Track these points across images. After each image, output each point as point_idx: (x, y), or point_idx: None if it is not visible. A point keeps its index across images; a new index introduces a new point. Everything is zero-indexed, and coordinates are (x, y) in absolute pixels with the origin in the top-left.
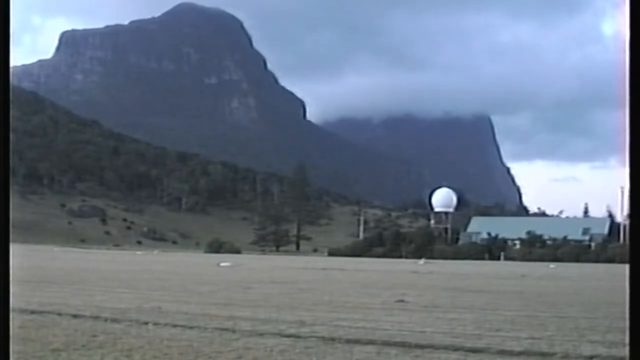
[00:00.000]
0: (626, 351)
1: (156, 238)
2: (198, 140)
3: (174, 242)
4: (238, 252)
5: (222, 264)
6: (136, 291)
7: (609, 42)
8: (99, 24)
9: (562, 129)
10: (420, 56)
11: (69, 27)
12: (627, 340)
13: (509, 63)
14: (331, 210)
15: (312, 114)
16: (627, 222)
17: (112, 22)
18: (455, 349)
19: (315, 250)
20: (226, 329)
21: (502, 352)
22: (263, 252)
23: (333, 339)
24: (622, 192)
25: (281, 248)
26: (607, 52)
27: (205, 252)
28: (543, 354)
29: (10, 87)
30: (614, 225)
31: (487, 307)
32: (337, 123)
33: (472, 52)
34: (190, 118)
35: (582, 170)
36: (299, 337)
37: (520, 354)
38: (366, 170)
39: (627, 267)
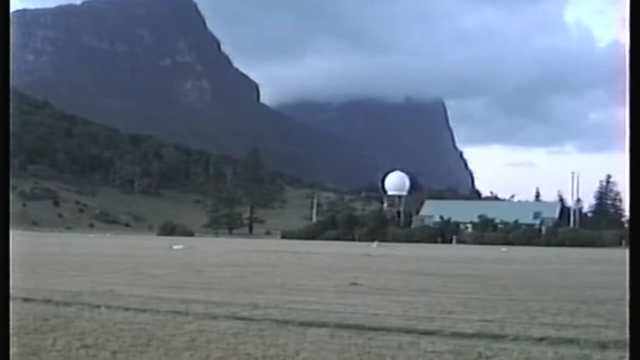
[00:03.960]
0: (575, 333)
1: (109, 221)
2: (151, 122)
3: (127, 225)
4: (191, 234)
5: (175, 247)
6: (88, 274)
7: (571, 30)
8: (51, 4)
9: (521, 114)
10: (382, 40)
11: (20, 7)
12: (576, 322)
13: (471, 48)
14: (285, 193)
15: (268, 97)
16: (577, 207)
17: (64, 2)
18: (408, 331)
19: (268, 233)
20: (179, 312)
21: (454, 335)
22: (216, 234)
23: (286, 322)
24: (573, 177)
25: (234, 231)
26: (569, 39)
27: (158, 234)
28: (494, 336)
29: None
30: (564, 210)
31: (439, 290)
32: (294, 106)
33: (435, 37)
34: (144, 100)
35: (539, 155)
36: (252, 319)
37: (472, 336)
38: (321, 153)
39: (576, 250)
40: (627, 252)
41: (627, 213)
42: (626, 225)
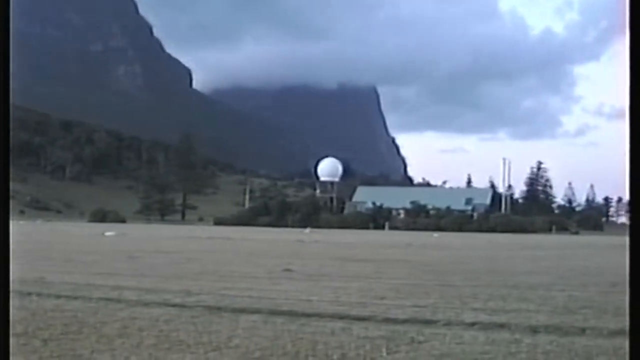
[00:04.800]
0: (507, 318)
1: (40, 207)
2: (83, 108)
3: (58, 212)
4: (123, 221)
5: (106, 234)
6: (18, 262)
7: (505, 18)
8: None
9: (454, 101)
10: (317, 27)
11: None
12: (507, 307)
13: (406, 35)
14: (217, 180)
15: (201, 83)
16: (508, 193)
17: None
18: (341, 317)
19: (201, 220)
20: (111, 299)
21: (386, 320)
22: (148, 221)
23: (219, 308)
24: (505, 163)
25: (166, 217)
26: (502, 27)
27: (90, 221)
28: (426, 322)
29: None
30: (495, 196)
31: (372, 276)
32: (227, 92)
33: (372, 23)
34: (75, 85)
35: (471, 142)
36: (184, 306)
37: (404, 321)
38: (254, 139)
39: (507, 235)
40: (557, 237)
41: (556, 199)
42: (556, 211)
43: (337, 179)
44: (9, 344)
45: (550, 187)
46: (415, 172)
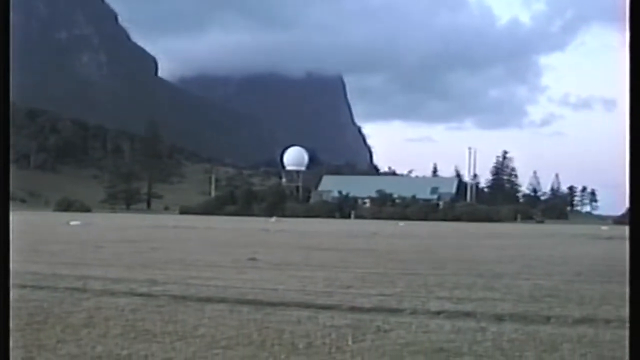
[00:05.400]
0: (472, 306)
1: None
2: (47, 96)
3: (23, 201)
4: (88, 210)
5: (72, 223)
6: None
7: (472, 7)
8: None
9: (421, 90)
10: (285, 15)
11: None
12: (473, 296)
13: (374, 24)
14: (183, 168)
15: (167, 71)
16: (474, 182)
17: None
18: (307, 306)
19: (166, 209)
20: (77, 289)
21: (352, 309)
22: (114, 210)
23: (185, 298)
24: (470, 153)
25: (132, 206)
26: (470, 17)
27: (55, 210)
28: (392, 310)
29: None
30: (461, 185)
31: (338, 265)
32: (193, 80)
33: (341, 12)
34: (39, 74)
35: (438, 131)
36: (150, 295)
37: (370, 310)
38: (220, 128)
39: (473, 224)
40: (522, 226)
41: (522, 188)
42: (521, 200)
43: (303, 168)
44: (9, 344)
45: (516, 176)
46: (382, 161)
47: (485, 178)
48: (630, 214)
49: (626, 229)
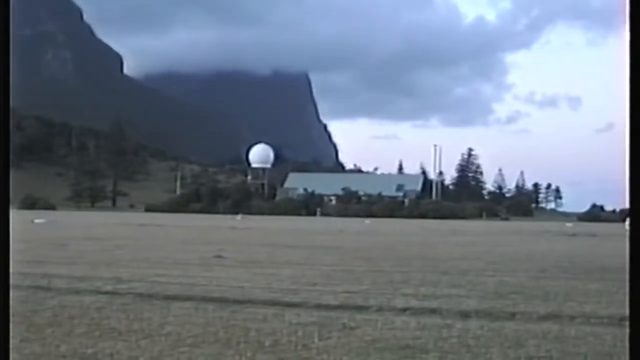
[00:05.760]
0: (438, 303)
1: None
2: (11, 93)
3: None
4: (53, 208)
5: (36, 221)
6: None
7: (438, 6)
8: None
9: (387, 88)
10: (251, 13)
11: None
12: (438, 293)
13: (341, 22)
14: (148, 166)
15: (132, 68)
16: (439, 179)
17: None
18: (273, 303)
19: (132, 206)
20: (41, 287)
21: (318, 306)
22: (78, 208)
23: (151, 296)
24: (436, 150)
25: (97, 204)
26: (436, 15)
27: (19, 208)
28: (358, 307)
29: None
30: (426, 182)
31: (304, 262)
32: (159, 78)
33: (306, 10)
34: None
35: (404, 129)
36: (116, 294)
37: (336, 307)
38: (185, 125)
39: (438, 221)
40: (487, 223)
41: (487, 185)
42: (487, 197)
43: (268, 165)
44: (9, 344)
45: (481, 173)
46: (347, 159)
47: (450, 175)
48: (630, 214)
49: (590, 226)
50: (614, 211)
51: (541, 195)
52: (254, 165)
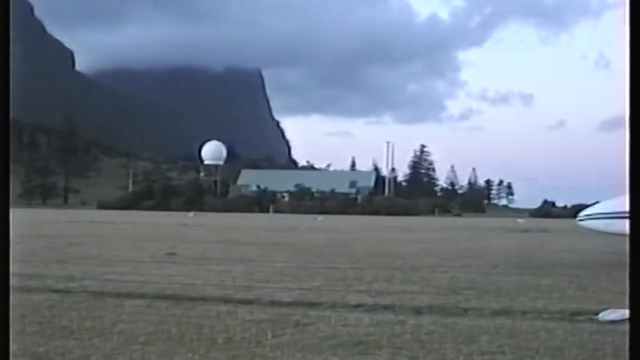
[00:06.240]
0: (391, 299)
1: None
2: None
3: None
4: None
5: None
6: None
7: (392, 3)
8: None
9: (340, 85)
10: (206, 10)
11: None
12: (392, 289)
13: (294, 19)
14: (100, 163)
15: (84, 65)
16: (392, 176)
17: None
18: (226, 300)
19: (83, 204)
20: None
21: (272, 303)
22: (30, 205)
23: (103, 293)
24: (388, 147)
25: (49, 201)
26: (389, 12)
27: None
28: (311, 304)
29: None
30: (379, 179)
31: (257, 259)
32: (111, 74)
33: (259, 7)
34: None
35: (357, 126)
36: (67, 292)
37: (289, 304)
38: (138, 122)
39: (391, 218)
40: (440, 219)
41: (439, 181)
42: (439, 193)
43: (221, 162)
44: (9, 344)
45: (433, 170)
46: (300, 156)
47: (403, 172)
48: (630, 214)
49: (542, 222)
50: (565, 207)
51: (493, 192)
52: (206, 162)
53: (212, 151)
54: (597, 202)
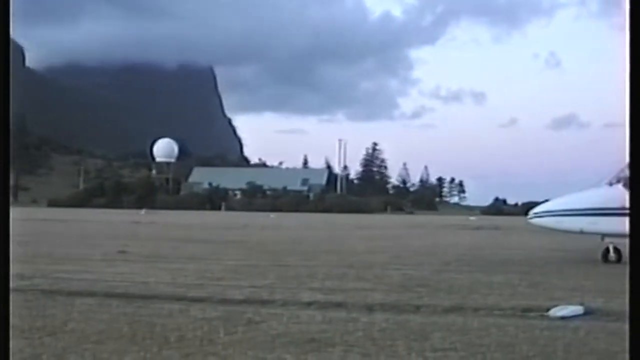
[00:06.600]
0: (343, 297)
1: None
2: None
3: None
4: None
5: None
6: None
7: (346, 1)
8: None
9: (294, 83)
10: (159, 6)
11: None
12: (344, 286)
13: (247, 16)
14: (51, 160)
15: (34, 61)
16: (344, 173)
17: None
18: (178, 299)
19: (34, 201)
20: None
21: (224, 301)
22: None
23: (53, 292)
24: (340, 144)
25: None
26: (343, 10)
27: None
28: (264, 302)
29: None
30: (331, 176)
31: (209, 257)
32: (63, 70)
33: (212, 3)
34: None
35: (310, 123)
36: (18, 290)
37: (241, 302)
38: (90, 119)
39: (343, 215)
40: (392, 217)
41: (391, 179)
42: (391, 191)
43: (173, 160)
44: (9, 344)
45: (386, 167)
46: (252, 153)
47: (355, 170)
48: (630, 213)
49: (493, 219)
50: (516, 205)
51: (445, 189)
52: (158, 159)
53: (164, 148)
54: (547, 200)
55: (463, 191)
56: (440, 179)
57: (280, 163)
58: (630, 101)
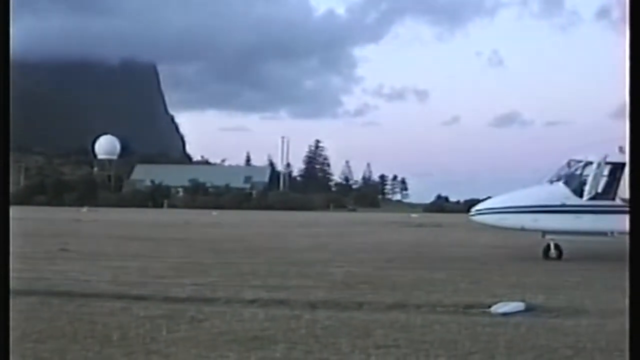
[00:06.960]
0: (286, 294)
1: None
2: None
3: None
4: None
5: None
6: None
7: (291, 0)
8: None
9: (237, 80)
10: (102, 2)
11: None
12: (287, 284)
13: (191, 14)
14: None
15: None
16: (287, 171)
17: None
18: (120, 297)
19: None
20: None
21: (166, 299)
22: None
23: None
24: (283, 142)
25: None
26: (287, 8)
27: None
28: (206, 300)
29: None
30: (274, 174)
31: (151, 255)
32: None
33: (156, 1)
34: None
35: (253, 121)
36: None
37: (184, 300)
38: (31, 115)
39: (286, 213)
40: (334, 214)
41: (334, 177)
42: (334, 188)
43: (115, 157)
44: (9, 344)
45: (328, 165)
46: (195, 150)
47: (298, 167)
48: (630, 213)
49: (435, 216)
50: (458, 202)
51: (387, 187)
52: (100, 156)
53: (106, 145)
54: (489, 197)
55: (405, 188)
56: (382, 177)
57: (223, 160)
58: (631, 101)
